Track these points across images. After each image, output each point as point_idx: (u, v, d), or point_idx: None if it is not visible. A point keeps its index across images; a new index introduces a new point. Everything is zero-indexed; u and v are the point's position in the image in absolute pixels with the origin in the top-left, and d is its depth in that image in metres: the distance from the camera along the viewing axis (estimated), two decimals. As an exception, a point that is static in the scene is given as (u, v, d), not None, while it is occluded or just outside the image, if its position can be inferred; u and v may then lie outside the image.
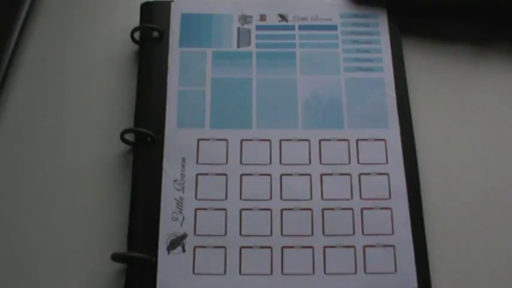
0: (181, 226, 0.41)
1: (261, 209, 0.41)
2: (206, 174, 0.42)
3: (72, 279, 0.41)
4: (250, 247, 0.40)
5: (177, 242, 0.40)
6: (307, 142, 0.44)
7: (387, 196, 0.42)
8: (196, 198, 0.42)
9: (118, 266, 0.40)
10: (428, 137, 0.45)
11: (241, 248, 0.40)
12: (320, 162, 0.43)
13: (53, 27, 0.50)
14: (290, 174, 0.42)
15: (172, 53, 0.46)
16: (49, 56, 0.48)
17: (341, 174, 0.43)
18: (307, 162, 0.43)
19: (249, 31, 0.48)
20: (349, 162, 0.43)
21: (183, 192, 0.42)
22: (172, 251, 0.40)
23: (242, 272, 0.40)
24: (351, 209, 0.41)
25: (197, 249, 0.40)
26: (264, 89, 0.45)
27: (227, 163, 0.43)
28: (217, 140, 0.43)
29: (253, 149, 0.43)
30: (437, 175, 0.44)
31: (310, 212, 0.41)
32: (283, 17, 0.48)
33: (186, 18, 0.48)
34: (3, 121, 0.46)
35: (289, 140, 0.44)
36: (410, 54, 0.48)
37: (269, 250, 0.40)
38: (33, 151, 0.45)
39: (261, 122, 0.44)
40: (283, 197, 0.42)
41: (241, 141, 0.43)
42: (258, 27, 0.48)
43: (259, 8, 0.48)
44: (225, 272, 0.40)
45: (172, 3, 0.48)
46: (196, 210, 0.41)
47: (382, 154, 0.43)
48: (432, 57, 0.48)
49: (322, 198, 0.42)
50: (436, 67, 0.48)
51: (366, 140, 0.44)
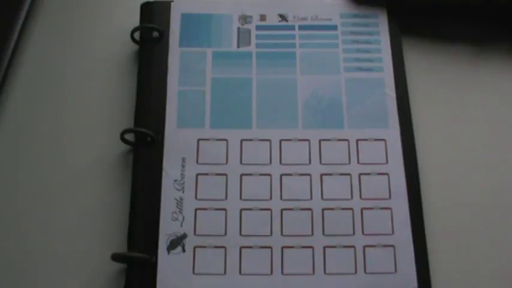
0: (181, 226, 0.41)
1: (261, 209, 0.41)
2: (206, 174, 0.42)
3: (72, 279, 0.41)
4: (250, 247, 0.40)
5: (177, 242, 0.40)
6: (307, 142, 0.44)
7: (387, 196, 0.42)
8: (196, 198, 0.42)
9: (118, 266, 0.40)
10: (428, 137, 0.45)
11: (241, 248, 0.40)
12: (320, 162, 0.43)
13: (53, 27, 0.50)
14: (290, 174, 0.42)
15: (172, 53, 0.46)
16: (49, 56, 0.48)
17: (341, 174, 0.43)
18: (307, 162, 0.43)
19: (249, 31, 0.48)
20: (349, 162, 0.43)
21: (183, 192, 0.42)
22: (172, 251, 0.40)
23: (242, 272, 0.40)
24: (351, 209, 0.41)
25: (197, 249, 0.40)
26: (264, 89, 0.45)
27: (227, 163, 0.43)
28: (217, 140, 0.43)
29: (253, 149, 0.43)
30: (437, 175, 0.44)
31: (310, 212, 0.41)
32: (283, 17, 0.48)
33: (186, 18, 0.48)
34: (3, 121, 0.46)
35: (289, 140, 0.44)
36: (410, 54, 0.48)
37: (269, 250, 0.40)
38: (33, 151, 0.45)
39: (261, 122, 0.44)
40: (283, 197, 0.42)
41: (241, 141, 0.43)
42: (258, 27, 0.48)
43: (259, 8, 0.48)
44: (225, 272, 0.40)
45: (172, 3, 0.48)
46: (196, 210, 0.41)
47: (382, 154, 0.43)
48: (432, 57, 0.48)
49: (322, 198, 0.42)
50: (436, 67, 0.48)
51: (366, 140, 0.44)
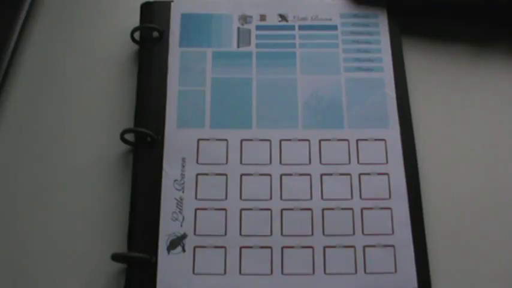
0: (181, 226, 0.41)
1: (261, 209, 0.41)
2: (206, 174, 0.42)
3: (72, 279, 0.41)
4: (250, 247, 0.40)
5: (177, 242, 0.40)
6: (307, 142, 0.44)
7: (387, 196, 0.42)
8: (196, 198, 0.42)
9: (118, 266, 0.40)
10: (428, 137, 0.45)
11: (241, 248, 0.40)
12: (320, 162, 0.43)
13: (53, 27, 0.50)
14: (290, 174, 0.42)
15: (172, 53, 0.46)
16: (49, 56, 0.48)
17: (341, 174, 0.43)
18: (307, 162, 0.43)
19: (249, 31, 0.47)
20: (349, 162, 0.43)
21: (183, 192, 0.42)
22: (172, 251, 0.40)
23: (242, 272, 0.40)
24: (351, 209, 0.41)
25: (197, 249, 0.40)
26: (264, 89, 0.45)
27: (227, 163, 0.43)
28: (217, 140, 0.43)
29: (253, 149, 0.43)
30: (437, 175, 0.44)
31: (310, 212, 0.41)
32: (283, 17, 0.48)
33: (186, 18, 0.48)
34: (3, 121, 0.46)
35: (289, 140, 0.44)
36: (410, 54, 0.48)
37: (269, 250, 0.40)
38: (33, 151, 0.45)
39: (261, 122, 0.44)
40: (283, 197, 0.42)
41: (241, 141, 0.43)
42: (258, 27, 0.48)
43: (259, 8, 0.48)
44: (225, 272, 0.40)
45: (172, 3, 0.48)
46: (196, 210, 0.41)
47: (382, 154, 0.43)
48: (432, 57, 0.48)
49: (322, 198, 0.42)
50: (436, 67, 0.48)
51: (366, 140, 0.44)
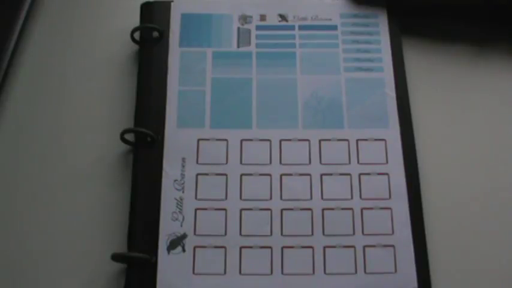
0: (181, 226, 0.41)
1: (261, 209, 0.41)
2: (206, 174, 0.42)
3: (72, 279, 0.41)
4: (250, 247, 0.40)
5: (177, 242, 0.40)
6: (307, 142, 0.44)
7: (387, 196, 0.42)
8: (196, 198, 0.42)
9: (118, 266, 0.40)
10: (428, 137, 0.45)
11: (241, 248, 0.40)
12: (320, 162, 0.43)
13: (53, 27, 0.50)
14: (290, 174, 0.42)
15: (172, 53, 0.46)
16: (49, 56, 0.48)
17: (341, 174, 0.43)
18: (307, 162, 0.43)
19: (249, 31, 0.47)
20: (349, 162, 0.43)
21: (183, 192, 0.42)
22: (172, 251, 0.40)
23: (242, 272, 0.40)
24: (351, 209, 0.41)
25: (197, 249, 0.40)
26: (264, 89, 0.45)
27: (227, 163, 0.43)
28: (217, 140, 0.43)
29: (253, 149, 0.43)
30: (437, 175, 0.44)
31: (310, 212, 0.41)
32: (283, 17, 0.48)
33: (186, 18, 0.48)
34: (3, 121, 0.46)
35: (289, 140, 0.44)
36: (410, 54, 0.48)
37: (269, 250, 0.40)
38: (33, 151, 0.45)
39: (261, 122, 0.44)
40: (283, 197, 0.42)
41: (241, 141, 0.43)
42: (258, 27, 0.48)
43: (259, 8, 0.48)
44: (225, 272, 0.40)
45: (172, 3, 0.48)
46: (196, 210, 0.41)
47: (382, 154, 0.43)
48: (432, 57, 0.48)
49: (322, 198, 0.42)
50: (436, 67, 0.48)
51: (366, 140, 0.44)
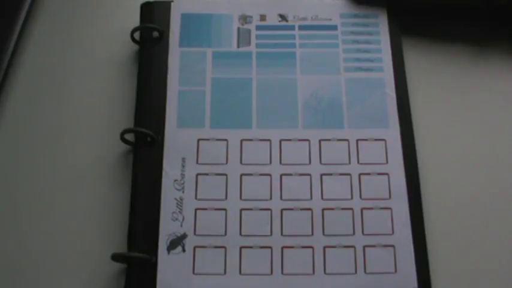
0: (181, 226, 0.41)
1: (261, 209, 0.41)
2: (206, 174, 0.42)
3: (72, 279, 0.41)
4: (250, 247, 0.40)
5: (177, 242, 0.40)
6: (307, 142, 0.44)
7: (387, 196, 0.42)
8: (196, 198, 0.42)
9: (118, 266, 0.40)
10: (428, 137, 0.45)
11: (241, 248, 0.40)
12: (320, 162, 0.43)
13: (53, 27, 0.50)
14: (290, 174, 0.42)
15: (172, 53, 0.46)
16: (49, 56, 0.48)
17: (341, 174, 0.43)
18: (307, 162, 0.43)
19: (249, 31, 0.47)
20: (349, 162, 0.43)
21: (183, 192, 0.42)
22: (172, 251, 0.40)
23: (242, 272, 0.40)
24: (351, 209, 0.41)
25: (197, 249, 0.40)
26: (264, 89, 0.45)
27: (227, 163, 0.43)
28: (217, 140, 0.43)
29: (253, 149, 0.43)
30: (437, 175, 0.44)
31: (310, 212, 0.41)
32: (283, 17, 0.48)
33: (186, 18, 0.48)
34: (3, 121, 0.46)
35: (289, 140, 0.44)
36: (410, 54, 0.48)
37: (269, 250, 0.40)
38: (33, 151, 0.45)
39: (261, 122, 0.44)
40: (283, 197, 0.42)
41: (241, 141, 0.43)
42: (258, 27, 0.48)
43: (259, 8, 0.48)
44: (225, 272, 0.40)
45: (172, 3, 0.48)
46: (196, 210, 0.41)
47: (382, 154, 0.43)
48: (432, 57, 0.48)
49: (322, 198, 0.42)
50: (436, 67, 0.48)
51: (366, 140, 0.44)
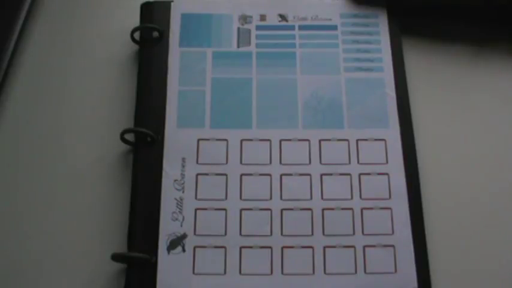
0: (181, 226, 0.41)
1: (261, 209, 0.41)
2: (206, 174, 0.42)
3: (72, 279, 0.41)
4: (250, 247, 0.40)
5: (177, 242, 0.40)
6: (307, 142, 0.44)
7: (387, 196, 0.42)
8: (196, 198, 0.42)
9: (118, 266, 0.40)
10: (428, 137, 0.45)
11: (241, 248, 0.40)
12: (320, 162, 0.43)
13: (53, 27, 0.50)
14: (290, 174, 0.42)
15: (172, 53, 0.46)
16: (49, 56, 0.48)
17: (341, 174, 0.43)
18: (307, 162, 0.43)
19: (249, 31, 0.47)
20: (349, 162, 0.43)
21: (183, 192, 0.42)
22: (172, 251, 0.40)
23: (242, 272, 0.40)
24: (351, 209, 0.41)
25: (197, 249, 0.40)
26: (264, 89, 0.45)
27: (227, 163, 0.43)
28: (217, 140, 0.43)
29: (253, 149, 0.43)
30: (437, 175, 0.44)
31: (310, 212, 0.41)
32: (283, 17, 0.48)
33: (186, 18, 0.48)
34: (3, 121, 0.46)
35: (289, 140, 0.44)
36: (410, 54, 0.48)
37: (269, 250, 0.40)
38: (33, 151, 0.45)
39: (261, 122, 0.44)
40: (283, 197, 0.42)
41: (241, 141, 0.43)
42: (258, 27, 0.48)
43: (259, 8, 0.48)
44: (225, 272, 0.40)
45: (172, 3, 0.48)
46: (196, 210, 0.41)
47: (382, 154, 0.43)
48: (432, 57, 0.48)
49: (322, 198, 0.42)
50: (436, 67, 0.48)
51: (366, 140, 0.44)
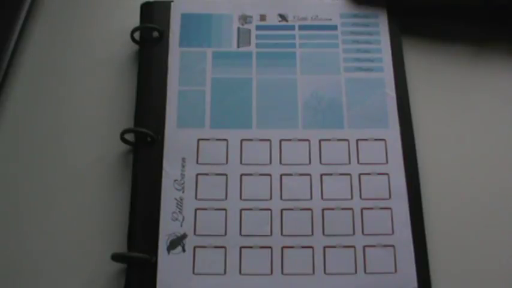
0: (181, 226, 0.41)
1: (261, 209, 0.41)
2: (206, 174, 0.42)
3: (72, 279, 0.41)
4: (250, 247, 0.40)
5: (177, 242, 0.40)
6: (307, 142, 0.44)
7: (387, 196, 0.42)
8: (196, 198, 0.42)
9: (118, 266, 0.40)
10: (428, 137, 0.45)
11: (241, 248, 0.40)
12: (320, 162, 0.43)
13: (53, 27, 0.50)
14: (290, 174, 0.42)
15: (172, 53, 0.46)
16: (49, 56, 0.48)
17: (341, 174, 0.43)
18: (307, 162, 0.43)
19: (249, 31, 0.48)
20: (349, 162, 0.43)
21: (183, 192, 0.42)
22: (172, 251, 0.40)
23: (242, 272, 0.40)
24: (351, 209, 0.41)
25: (197, 249, 0.40)
26: (264, 89, 0.45)
27: (227, 163, 0.43)
28: (217, 140, 0.43)
29: (253, 149, 0.43)
30: (437, 175, 0.44)
31: (310, 212, 0.41)
32: (283, 17, 0.48)
33: (186, 18, 0.48)
34: (3, 121, 0.46)
35: (289, 140, 0.44)
36: (410, 54, 0.48)
37: (269, 250, 0.40)
38: (33, 151, 0.45)
39: (261, 122, 0.44)
40: (283, 197, 0.42)
41: (241, 141, 0.43)
42: (258, 27, 0.48)
43: (259, 8, 0.48)
44: (225, 272, 0.40)
45: (172, 3, 0.48)
46: (196, 210, 0.41)
47: (382, 154, 0.43)
48: (432, 57, 0.48)
49: (322, 198, 0.42)
50: (436, 67, 0.48)
51: (366, 140, 0.44)
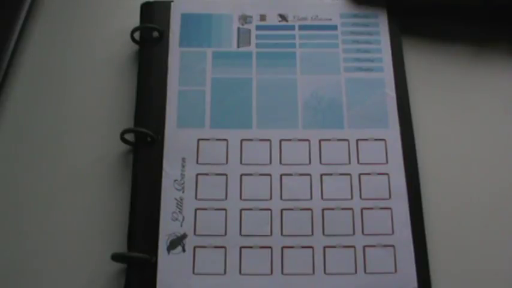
0: (181, 226, 0.41)
1: (261, 209, 0.41)
2: (206, 174, 0.42)
3: (72, 279, 0.41)
4: (250, 247, 0.40)
5: (177, 242, 0.40)
6: (307, 142, 0.44)
7: (387, 196, 0.42)
8: (196, 198, 0.42)
9: (118, 266, 0.40)
10: (428, 137, 0.45)
11: (241, 248, 0.40)
12: (320, 162, 0.43)
13: (53, 27, 0.50)
14: (290, 174, 0.42)
15: (172, 53, 0.46)
16: (49, 56, 0.48)
17: (341, 174, 0.43)
18: (307, 162, 0.43)
19: (249, 31, 0.48)
20: (349, 162, 0.43)
21: (183, 192, 0.42)
22: (172, 251, 0.40)
23: (242, 272, 0.40)
24: (351, 209, 0.41)
25: (197, 249, 0.40)
26: (264, 89, 0.45)
27: (227, 163, 0.43)
28: (217, 140, 0.43)
29: (253, 149, 0.43)
30: (437, 175, 0.44)
31: (310, 212, 0.41)
32: (283, 17, 0.48)
33: (186, 18, 0.48)
34: (3, 121, 0.46)
35: (289, 140, 0.44)
36: (410, 54, 0.48)
37: (269, 250, 0.40)
38: (33, 151, 0.45)
39: (261, 122, 0.44)
40: (283, 197, 0.42)
41: (241, 141, 0.43)
42: (258, 27, 0.48)
43: (259, 8, 0.48)
44: (225, 272, 0.40)
45: (172, 3, 0.48)
46: (196, 210, 0.41)
47: (382, 154, 0.43)
48: (432, 57, 0.48)
49: (322, 198, 0.42)
50: (436, 67, 0.48)
51: (366, 140, 0.44)
